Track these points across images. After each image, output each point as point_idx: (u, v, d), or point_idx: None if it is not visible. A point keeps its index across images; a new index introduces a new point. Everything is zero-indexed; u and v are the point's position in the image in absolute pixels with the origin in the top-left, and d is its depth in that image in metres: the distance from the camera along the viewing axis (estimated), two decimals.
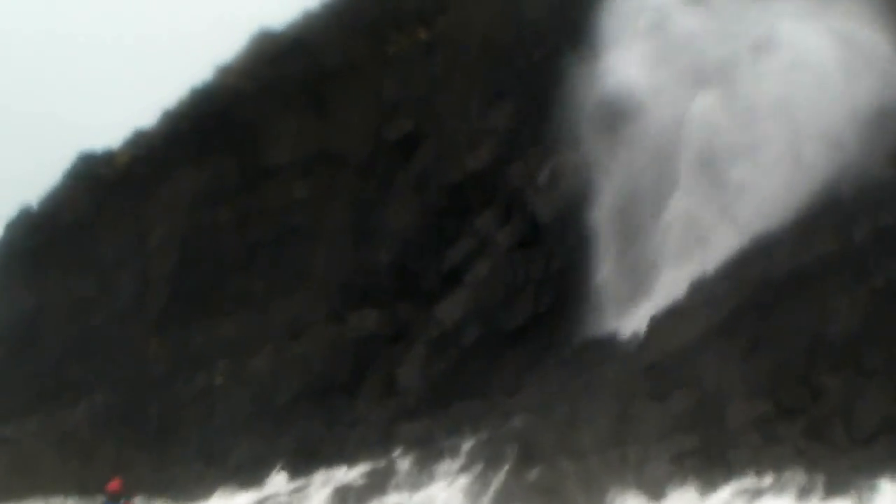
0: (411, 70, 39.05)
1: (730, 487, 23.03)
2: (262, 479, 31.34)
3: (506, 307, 32.85)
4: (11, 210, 46.03)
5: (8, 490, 35.93)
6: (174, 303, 39.33)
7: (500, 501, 25.50)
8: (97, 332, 40.36)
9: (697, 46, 31.09)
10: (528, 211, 33.94)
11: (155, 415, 36.83)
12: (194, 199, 40.64)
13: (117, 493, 29.62)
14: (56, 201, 44.95)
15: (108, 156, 44.44)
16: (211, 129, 41.28)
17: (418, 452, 28.30)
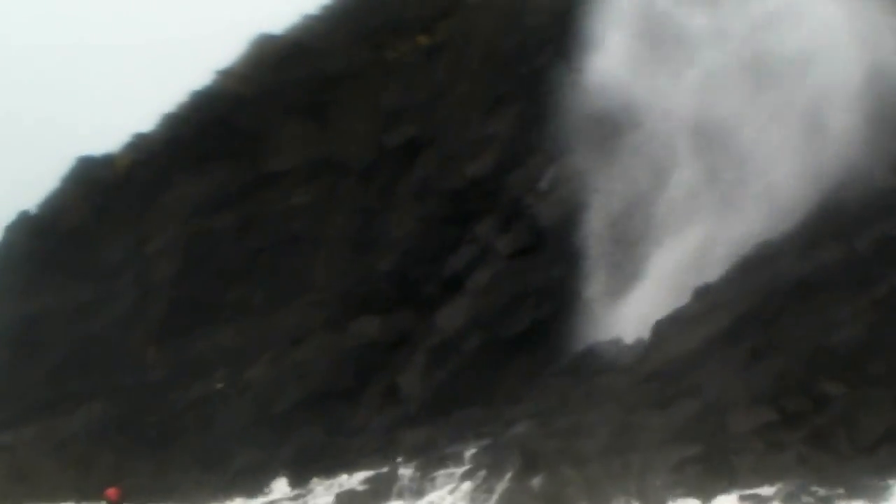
0: (412, 76, 39.03)
1: (732, 495, 22.96)
2: (263, 487, 31.24)
3: (507, 314, 32.80)
4: (10, 214, 45.95)
5: (7, 497, 35.76)
6: (174, 309, 39.17)
7: None
8: (96, 339, 40.19)
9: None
10: (530, 218, 33.92)
11: (154, 422, 36.67)
12: (194, 205, 40.51)
13: (115, 502, 29.67)
14: (55, 206, 44.74)
15: (108, 160, 44.33)
16: (211, 135, 41.19)
17: (420, 460, 28.18)
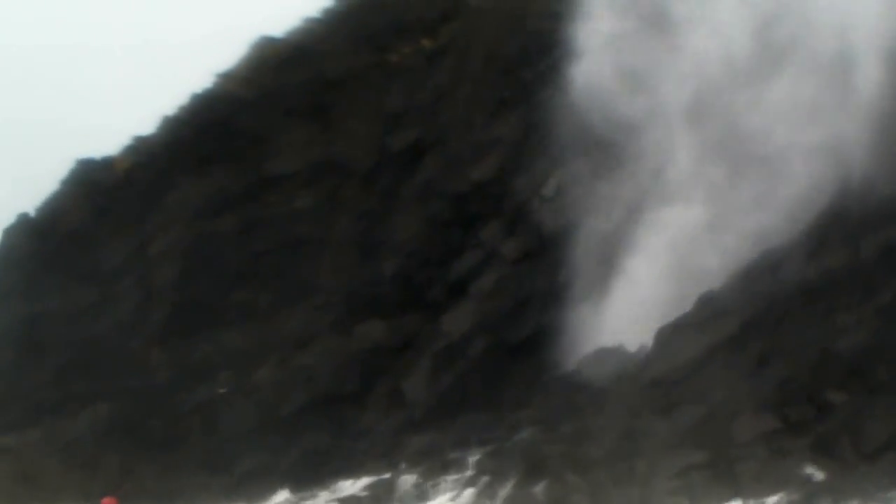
0: (415, 79, 38.94)
1: (737, 502, 23.01)
2: (267, 491, 31.22)
3: (512, 319, 32.76)
4: (10, 216, 45.89)
5: (11, 499, 35.72)
6: (177, 313, 39.04)
7: None
8: (98, 342, 40.08)
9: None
10: (534, 222, 33.90)
11: (159, 425, 36.60)
12: (196, 208, 40.39)
13: None
14: (55, 208, 44.65)
15: (108, 162, 44.26)
16: (212, 137, 41.09)
17: (424, 465, 28.21)
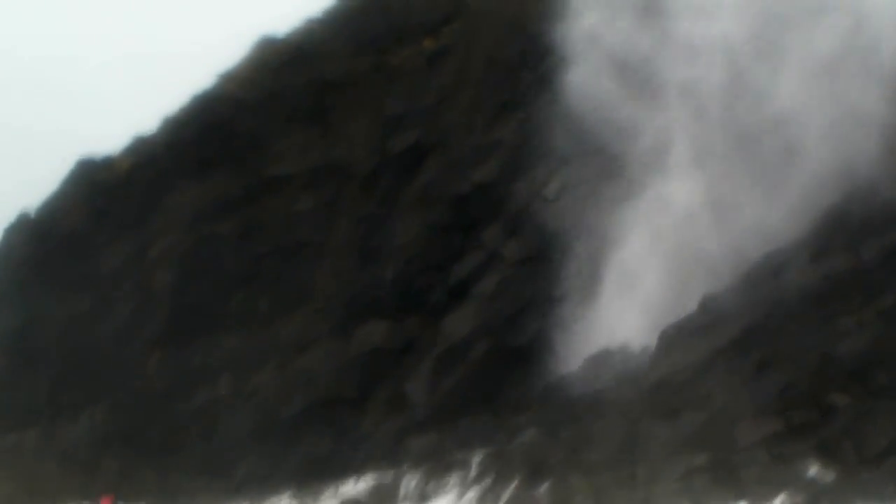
0: (416, 82, 38.89)
1: None
2: (268, 494, 31.23)
3: (514, 321, 32.76)
4: (10, 216, 45.97)
5: (11, 502, 35.79)
6: (176, 316, 39.04)
7: None
8: (97, 346, 40.08)
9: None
10: (536, 224, 33.87)
11: (159, 429, 36.60)
12: (196, 210, 40.37)
13: None
14: (55, 209, 44.73)
15: (108, 162, 44.27)
16: (213, 139, 41.10)
17: (426, 467, 28.26)
